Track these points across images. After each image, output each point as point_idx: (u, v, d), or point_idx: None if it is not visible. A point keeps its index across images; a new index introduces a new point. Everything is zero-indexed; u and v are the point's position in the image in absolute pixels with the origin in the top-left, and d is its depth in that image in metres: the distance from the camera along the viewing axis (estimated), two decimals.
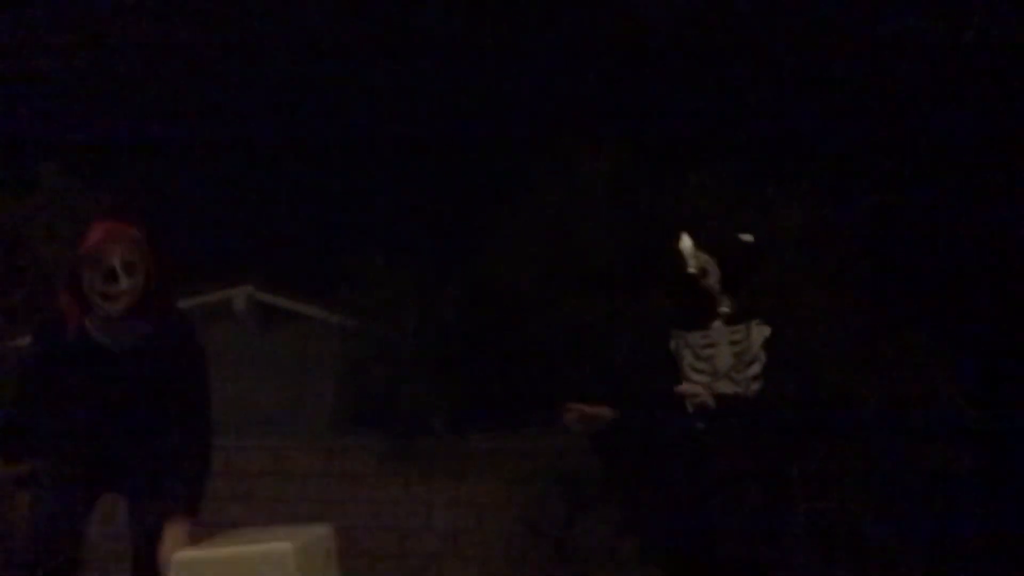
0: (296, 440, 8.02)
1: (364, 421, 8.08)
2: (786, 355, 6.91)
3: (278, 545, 2.73)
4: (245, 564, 2.78)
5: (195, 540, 3.01)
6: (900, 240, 8.19)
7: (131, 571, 3.18)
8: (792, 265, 7.44)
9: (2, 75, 8.25)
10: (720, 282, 3.47)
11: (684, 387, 3.36)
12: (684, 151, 7.98)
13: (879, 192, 8.16)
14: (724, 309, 3.44)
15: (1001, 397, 7.66)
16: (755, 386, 3.32)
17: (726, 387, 3.30)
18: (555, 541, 7.39)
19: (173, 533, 2.97)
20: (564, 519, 7.42)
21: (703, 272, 3.45)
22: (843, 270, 7.48)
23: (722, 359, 3.38)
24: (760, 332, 3.42)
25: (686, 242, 3.49)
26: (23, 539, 3.17)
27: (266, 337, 9.46)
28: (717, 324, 3.45)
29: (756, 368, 3.35)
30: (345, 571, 4.37)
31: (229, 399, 5.69)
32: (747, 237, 3.52)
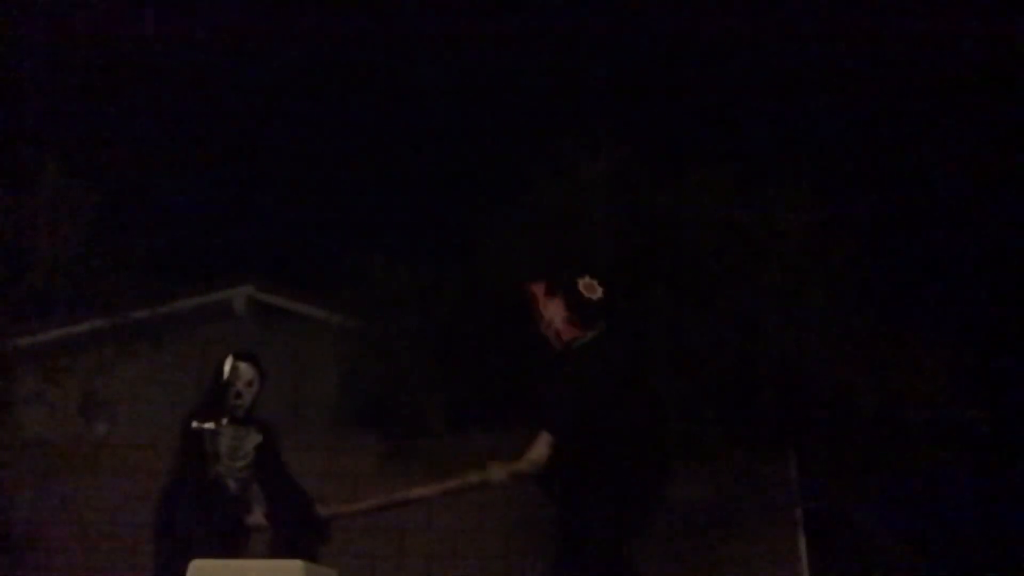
0: (296, 440, 8.01)
1: (364, 421, 8.07)
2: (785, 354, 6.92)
3: (290, 562, 2.93)
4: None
5: None
6: (900, 240, 8.20)
7: None
8: (792, 265, 7.44)
9: (2, 74, 8.24)
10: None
11: None
12: (684, 151, 7.99)
13: (879, 192, 8.16)
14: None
15: (1001, 397, 7.66)
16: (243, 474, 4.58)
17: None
18: (555, 541, 7.37)
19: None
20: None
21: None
22: (843, 270, 7.48)
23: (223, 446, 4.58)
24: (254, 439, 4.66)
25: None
26: None
27: (266, 337, 9.45)
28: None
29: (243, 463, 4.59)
30: (345, 571, 4.37)
31: None
32: None
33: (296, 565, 2.89)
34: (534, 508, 7.54)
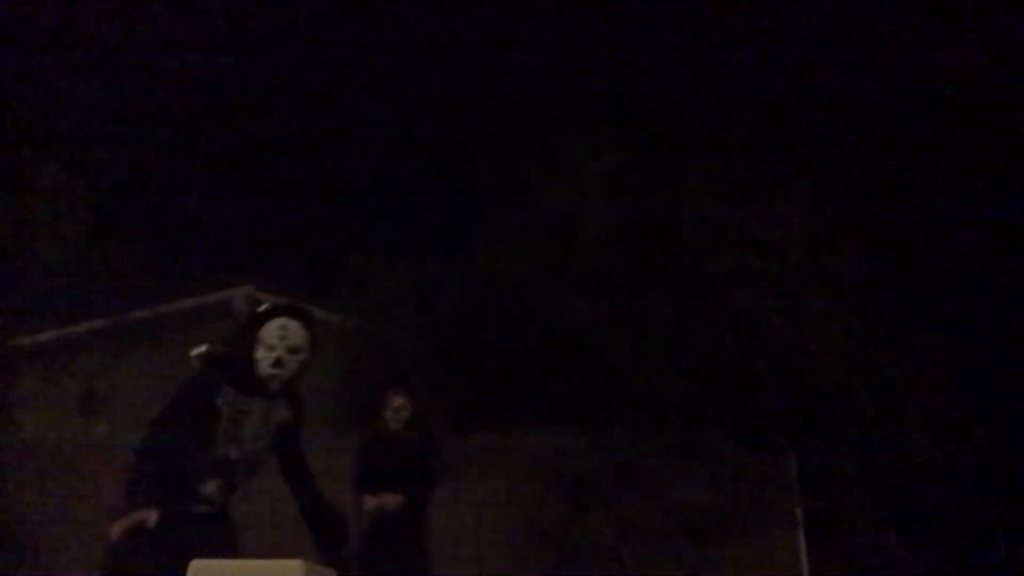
0: None
1: (364, 421, 8.07)
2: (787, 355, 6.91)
3: (290, 562, 2.90)
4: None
5: None
6: (900, 240, 8.20)
7: None
8: (792, 265, 7.44)
9: (1, 74, 8.25)
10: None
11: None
12: (684, 151, 7.99)
13: (879, 192, 8.17)
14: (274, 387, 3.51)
15: (1001, 397, 7.66)
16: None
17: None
18: (555, 541, 7.38)
19: None
20: (564, 519, 7.42)
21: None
22: (843, 270, 7.48)
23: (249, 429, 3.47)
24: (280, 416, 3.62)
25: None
26: None
27: None
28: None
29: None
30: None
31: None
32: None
33: (296, 565, 2.88)
34: (534, 508, 7.55)
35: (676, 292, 7.42)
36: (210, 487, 3.38)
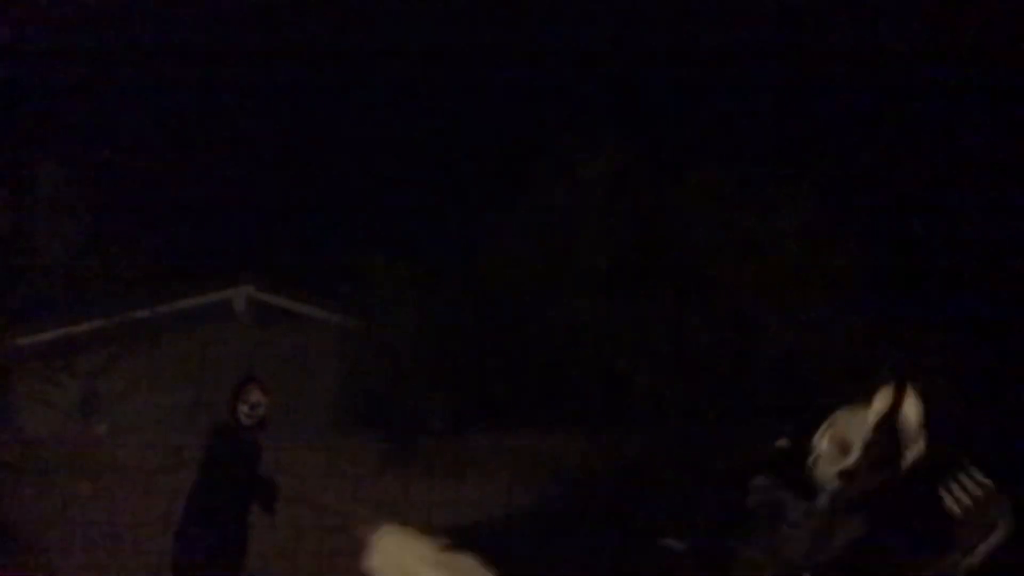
0: (296, 440, 8.03)
1: (364, 421, 8.08)
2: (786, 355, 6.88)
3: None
4: None
5: None
6: (900, 240, 8.20)
7: None
8: (792, 265, 7.45)
9: (2, 74, 8.25)
10: None
11: None
12: (684, 151, 7.99)
13: (879, 192, 8.17)
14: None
15: (1001, 397, 7.66)
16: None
17: None
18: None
19: None
20: (564, 519, 7.42)
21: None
22: (843, 270, 7.49)
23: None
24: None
25: None
26: None
27: (266, 337, 9.46)
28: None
29: None
30: (345, 571, 4.36)
31: (228, 399, 5.70)
32: None
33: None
34: (534, 508, 7.56)
35: (676, 292, 7.43)
36: None
